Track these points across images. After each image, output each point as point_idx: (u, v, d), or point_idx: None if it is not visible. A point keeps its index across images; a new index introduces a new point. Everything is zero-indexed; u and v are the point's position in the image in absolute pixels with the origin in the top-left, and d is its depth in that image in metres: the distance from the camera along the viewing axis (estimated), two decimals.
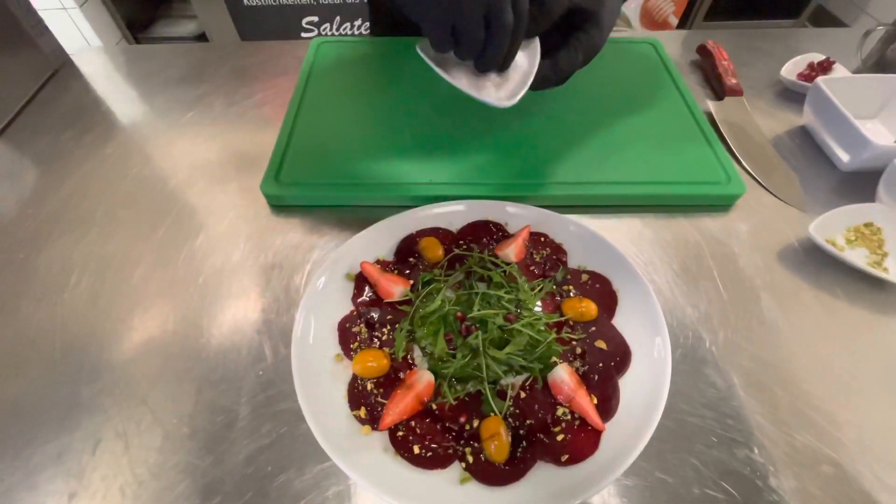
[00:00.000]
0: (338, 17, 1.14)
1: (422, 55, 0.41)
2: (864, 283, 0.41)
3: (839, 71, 0.60)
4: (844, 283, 0.41)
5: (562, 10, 0.40)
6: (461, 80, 0.40)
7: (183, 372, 0.36)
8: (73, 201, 0.48)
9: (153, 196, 0.49)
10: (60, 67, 0.65)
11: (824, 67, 0.60)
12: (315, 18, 1.16)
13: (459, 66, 0.41)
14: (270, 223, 0.46)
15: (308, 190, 0.47)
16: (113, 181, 0.50)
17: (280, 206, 0.47)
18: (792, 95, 0.60)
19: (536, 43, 0.42)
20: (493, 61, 0.38)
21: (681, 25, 2.01)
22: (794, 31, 0.71)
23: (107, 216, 0.47)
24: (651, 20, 1.83)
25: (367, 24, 1.06)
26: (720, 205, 0.47)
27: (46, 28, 0.63)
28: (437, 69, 0.40)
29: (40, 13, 0.62)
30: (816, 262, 0.43)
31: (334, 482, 0.31)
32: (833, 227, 0.44)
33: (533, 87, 0.41)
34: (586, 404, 0.32)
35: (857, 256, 0.42)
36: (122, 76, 0.66)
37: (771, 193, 0.49)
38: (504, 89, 0.40)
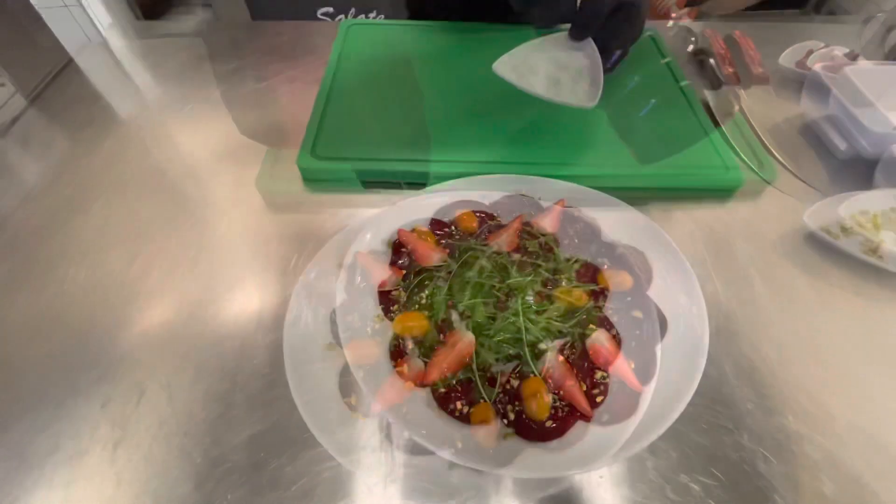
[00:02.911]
0: (353, 9, 1.13)
1: (497, 73, 0.46)
2: (859, 270, 0.41)
3: (838, 59, 0.59)
4: (839, 271, 0.41)
5: (609, 8, 0.45)
6: (539, 88, 0.46)
7: (179, 361, 0.37)
8: (70, 193, 0.49)
9: (150, 188, 0.49)
10: (60, 62, 0.66)
11: (824, 56, 0.59)
12: (330, 9, 1.13)
13: (536, 76, 0.47)
14: (266, 216, 0.47)
15: (341, 164, 0.48)
16: (112, 172, 0.51)
17: (313, 181, 0.49)
18: (790, 84, 0.59)
19: (591, 42, 0.47)
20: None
21: None
22: (794, 20, 0.70)
23: (105, 207, 0.47)
24: (653, 11, 1.81)
25: (382, 16, 1.06)
26: (718, 195, 0.47)
27: (45, 24, 0.64)
28: (515, 82, 0.45)
29: (41, 10, 0.62)
30: (812, 249, 0.43)
31: (327, 467, 0.32)
32: (829, 215, 0.43)
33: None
34: (624, 368, 0.33)
35: (853, 244, 0.42)
36: (124, 69, 0.66)
37: (766, 182, 0.48)
38: (578, 91, 0.47)
